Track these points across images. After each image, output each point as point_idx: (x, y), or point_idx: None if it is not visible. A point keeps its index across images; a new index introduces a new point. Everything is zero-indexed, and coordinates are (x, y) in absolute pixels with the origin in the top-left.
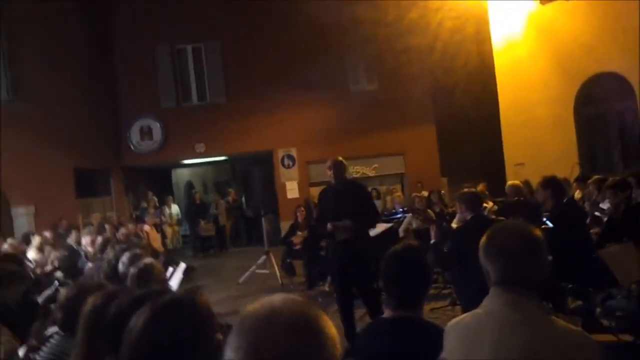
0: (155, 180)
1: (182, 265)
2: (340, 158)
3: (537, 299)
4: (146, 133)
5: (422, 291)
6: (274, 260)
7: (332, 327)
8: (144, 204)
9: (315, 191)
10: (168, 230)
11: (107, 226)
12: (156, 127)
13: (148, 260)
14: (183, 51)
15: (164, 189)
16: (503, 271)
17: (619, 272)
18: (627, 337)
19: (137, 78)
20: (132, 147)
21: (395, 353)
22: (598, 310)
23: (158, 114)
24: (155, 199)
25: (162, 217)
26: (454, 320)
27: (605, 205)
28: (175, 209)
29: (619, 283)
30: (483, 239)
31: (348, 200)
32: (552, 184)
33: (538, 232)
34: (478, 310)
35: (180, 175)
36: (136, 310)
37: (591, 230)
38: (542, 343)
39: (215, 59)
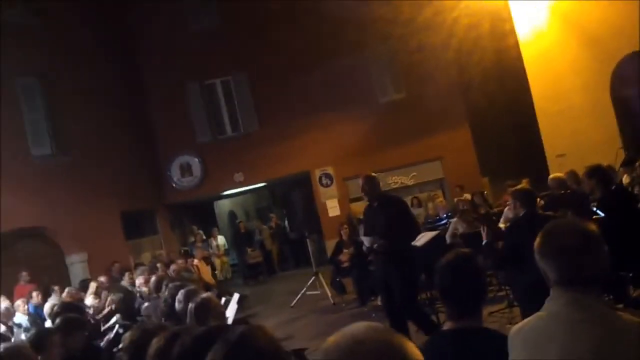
0: (199, 214)
1: (236, 296)
2: (372, 173)
3: (600, 295)
4: (186, 169)
5: (480, 299)
6: (323, 281)
7: (416, 352)
8: (192, 239)
9: (356, 207)
10: (217, 262)
11: (158, 265)
12: (195, 163)
13: (205, 294)
14: (212, 85)
15: (208, 222)
16: (562, 271)
17: None
18: None
19: (171, 117)
20: (173, 184)
21: None
22: None
23: (195, 149)
24: (201, 232)
25: (210, 250)
26: (517, 326)
27: None
28: (221, 240)
29: None
30: (538, 240)
31: (382, 215)
32: (598, 173)
33: (593, 227)
34: (541, 313)
35: (222, 206)
36: (199, 349)
37: None
38: (610, 340)
39: (243, 89)
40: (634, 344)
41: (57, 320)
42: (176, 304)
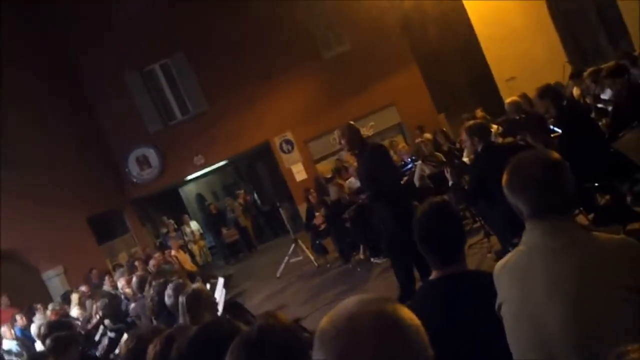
0: (167, 203)
1: (221, 280)
2: (350, 122)
3: (573, 217)
4: (143, 162)
5: (461, 243)
6: (303, 246)
7: (413, 317)
8: (164, 230)
9: (321, 167)
10: (194, 248)
11: (136, 263)
12: (151, 154)
13: (194, 286)
14: (152, 71)
15: (177, 210)
16: (533, 203)
17: (638, 158)
18: None
19: (117, 112)
20: (134, 180)
21: (452, 311)
22: (628, 199)
23: (148, 140)
24: (172, 221)
25: (185, 237)
26: (500, 263)
27: (605, 95)
28: (194, 225)
29: None
30: (505, 177)
31: (364, 167)
32: (548, 92)
33: (555, 155)
34: (520, 247)
35: (188, 191)
36: (195, 349)
37: (599, 124)
38: (592, 261)
39: (185, 70)
40: (614, 260)
41: (47, 341)
42: (166, 299)
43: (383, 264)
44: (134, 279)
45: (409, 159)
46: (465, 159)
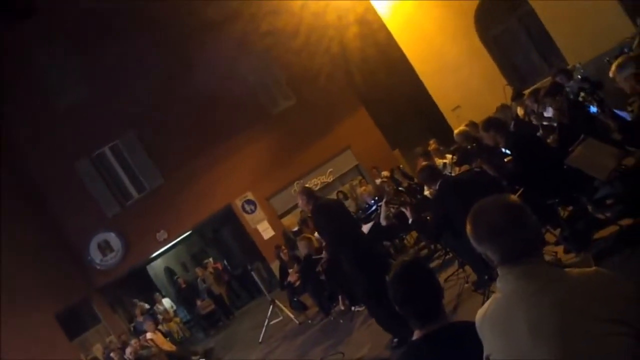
0: (135, 284)
1: None
2: (305, 186)
3: (543, 257)
4: (105, 247)
5: (439, 298)
6: (282, 305)
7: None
8: (137, 312)
9: (287, 221)
10: (170, 326)
11: (112, 354)
12: (111, 238)
13: None
14: (102, 155)
15: (147, 289)
16: (501, 250)
17: (592, 170)
18: (628, 221)
19: (72, 202)
20: (98, 267)
21: None
22: (590, 208)
23: (107, 224)
24: (143, 303)
25: (159, 316)
26: (479, 314)
27: (548, 113)
28: (166, 302)
29: (598, 179)
30: (468, 227)
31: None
32: (491, 124)
33: (514, 198)
34: (497, 295)
35: (157, 267)
36: None
37: (548, 141)
38: (570, 299)
39: (135, 148)
40: (591, 294)
41: None
42: None
43: (364, 310)
44: None
45: (372, 201)
46: (426, 193)
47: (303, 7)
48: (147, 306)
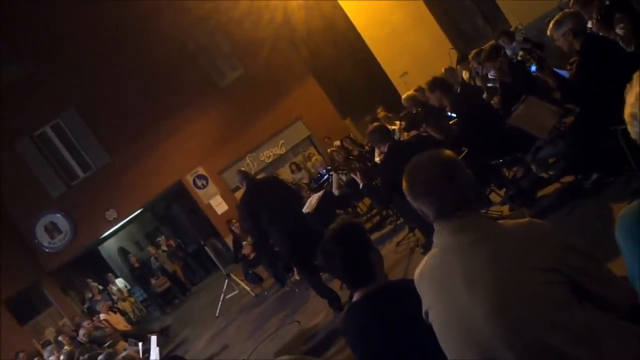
0: (88, 266)
1: (153, 339)
2: (241, 169)
3: (478, 210)
4: (53, 230)
5: (370, 260)
6: (237, 279)
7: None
8: (89, 294)
9: (240, 194)
10: (125, 305)
11: (60, 337)
12: (59, 219)
13: (124, 353)
14: (44, 134)
15: (101, 269)
16: (436, 204)
17: (533, 129)
18: (569, 178)
19: (15, 184)
20: (46, 250)
21: (383, 329)
22: (534, 167)
23: (53, 205)
24: (95, 284)
25: (113, 297)
26: (417, 271)
27: (492, 75)
28: (120, 282)
29: (539, 137)
30: (404, 184)
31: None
32: (436, 84)
33: (448, 152)
34: (433, 250)
35: (109, 247)
36: None
37: (492, 102)
38: (503, 250)
39: (78, 126)
40: (523, 245)
41: None
42: None
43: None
44: (61, 357)
45: (324, 170)
46: (377, 159)
47: None
48: (99, 287)
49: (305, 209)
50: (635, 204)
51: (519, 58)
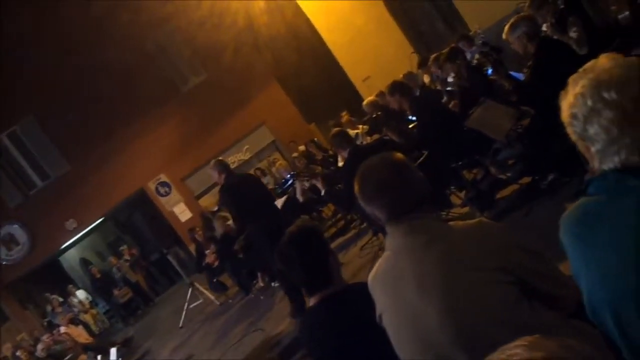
0: (48, 277)
1: (113, 351)
2: (217, 159)
3: (429, 211)
4: (9, 241)
5: (328, 264)
6: (201, 287)
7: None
8: (49, 307)
9: (205, 201)
10: (87, 317)
11: (18, 353)
12: (16, 230)
13: None
14: None
15: (62, 281)
16: (387, 207)
17: (491, 131)
18: (527, 179)
19: None
20: (3, 262)
21: (339, 333)
22: (493, 169)
23: (11, 216)
24: (55, 296)
25: (74, 309)
26: (371, 273)
27: (451, 78)
28: (81, 294)
29: (496, 139)
30: (355, 188)
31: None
32: (396, 88)
33: (398, 155)
34: (386, 253)
35: (70, 257)
36: None
37: (450, 105)
38: (453, 251)
39: (36, 134)
40: (472, 245)
41: None
42: None
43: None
44: None
45: (288, 175)
46: (340, 164)
47: None
48: (60, 299)
49: None
50: (574, 206)
51: (475, 62)
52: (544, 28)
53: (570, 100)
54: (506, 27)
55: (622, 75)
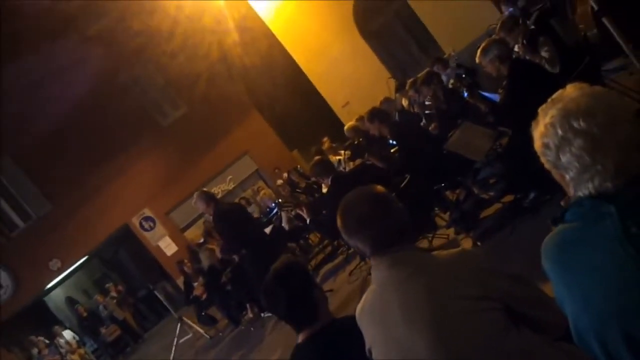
0: (34, 319)
1: None
2: (202, 190)
3: (412, 243)
4: None
5: (313, 301)
6: (189, 322)
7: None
8: (34, 350)
9: (191, 234)
10: (75, 358)
11: None
12: None
13: None
14: None
15: (47, 322)
16: (370, 240)
17: (470, 153)
18: (509, 198)
19: None
20: None
21: None
22: (475, 189)
23: None
24: (41, 338)
25: (61, 350)
26: (358, 307)
27: (428, 101)
28: (68, 334)
29: (476, 160)
30: (338, 222)
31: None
32: (374, 115)
33: (379, 188)
34: (372, 287)
35: (56, 297)
36: None
37: (430, 128)
38: (437, 281)
39: (16, 174)
40: (455, 274)
41: None
42: None
43: (274, 316)
44: None
45: (273, 204)
46: (324, 191)
47: (178, 9)
48: (46, 341)
49: None
50: (553, 233)
51: (450, 85)
52: (515, 49)
53: (542, 130)
54: (478, 51)
55: (589, 104)
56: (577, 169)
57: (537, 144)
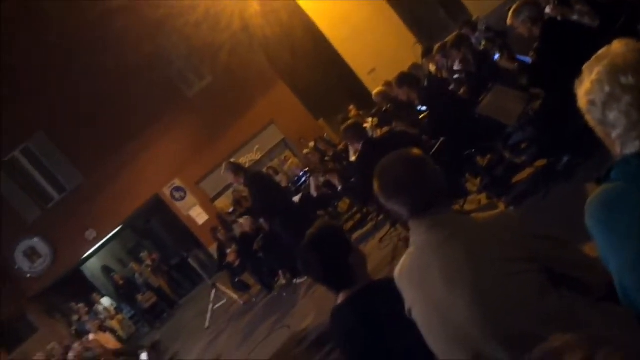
0: (72, 287)
1: (144, 355)
2: (230, 162)
3: (450, 205)
4: (32, 254)
5: (351, 263)
6: (223, 288)
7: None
8: (75, 317)
9: (220, 203)
10: (113, 324)
11: None
12: (37, 243)
13: None
14: (14, 159)
15: (85, 290)
16: (408, 204)
17: (502, 117)
18: (542, 162)
19: None
20: (28, 275)
21: (368, 328)
22: (506, 154)
23: (30, 230)
24: (81, 305)
25: (100, 316)
26: (397, 269)
27: (457, 66)
28: (106, 301)
29: (508, 124)
30: (375, 186)
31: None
32: (403, 79)
33: (416, 151)
34: (411, 249)
35: (92, 266)
36: None
37: (459, 92)
38: (478, 242)
39: (49, 148)
40: (497, 236)
41: None
42: None
43: (306, 281)
44: None
45: (302, 173)
46: (353, 158)
47: None
48: (86, 308)
49: None
50: (597, 192)
51: (481, 47)
52: (547, 10)
53: (587, 87)
54: (510, 13)
55: (637, 59)
56: (624, 126)
57: (582, 102)
